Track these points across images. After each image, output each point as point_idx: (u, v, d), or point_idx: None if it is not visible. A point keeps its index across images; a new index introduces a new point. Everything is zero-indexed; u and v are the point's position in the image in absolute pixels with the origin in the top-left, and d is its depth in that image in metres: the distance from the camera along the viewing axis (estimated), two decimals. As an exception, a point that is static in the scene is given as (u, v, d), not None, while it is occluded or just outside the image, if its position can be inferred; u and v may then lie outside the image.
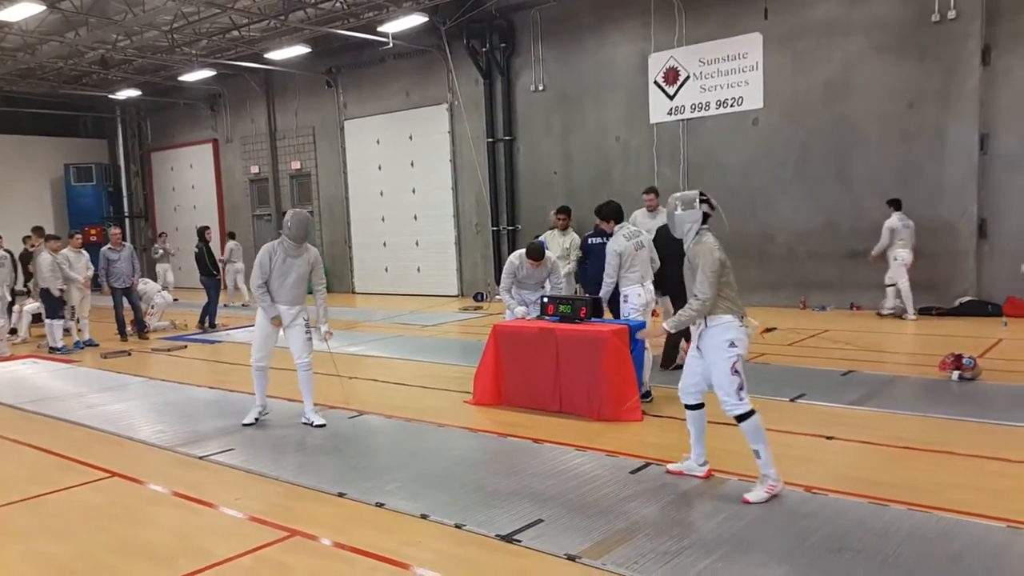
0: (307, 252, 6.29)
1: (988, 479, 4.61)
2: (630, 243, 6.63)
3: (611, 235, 6.78)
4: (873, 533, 3.85)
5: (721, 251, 4.42)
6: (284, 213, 6.97)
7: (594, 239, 7.64)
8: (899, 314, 10.86)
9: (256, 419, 6.46)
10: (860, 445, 5.36)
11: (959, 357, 7.08)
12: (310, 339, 6.37)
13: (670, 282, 7.42)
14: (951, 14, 10.80)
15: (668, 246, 6.36)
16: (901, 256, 10.75)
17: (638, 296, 6.62)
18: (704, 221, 4.51)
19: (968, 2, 10.70)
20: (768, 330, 9.35)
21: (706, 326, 4.42)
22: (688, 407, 4.66)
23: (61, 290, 10.89)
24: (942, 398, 6.43)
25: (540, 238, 8.97)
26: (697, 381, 4.56)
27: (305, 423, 6.34)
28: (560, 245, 8.97)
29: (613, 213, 6.83)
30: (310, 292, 6.43)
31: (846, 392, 6.75)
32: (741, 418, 4.34)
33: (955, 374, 6.99)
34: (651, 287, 6.72)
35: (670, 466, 4.85)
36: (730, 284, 4.43)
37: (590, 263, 7.59)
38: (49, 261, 10.72)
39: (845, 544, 3.74)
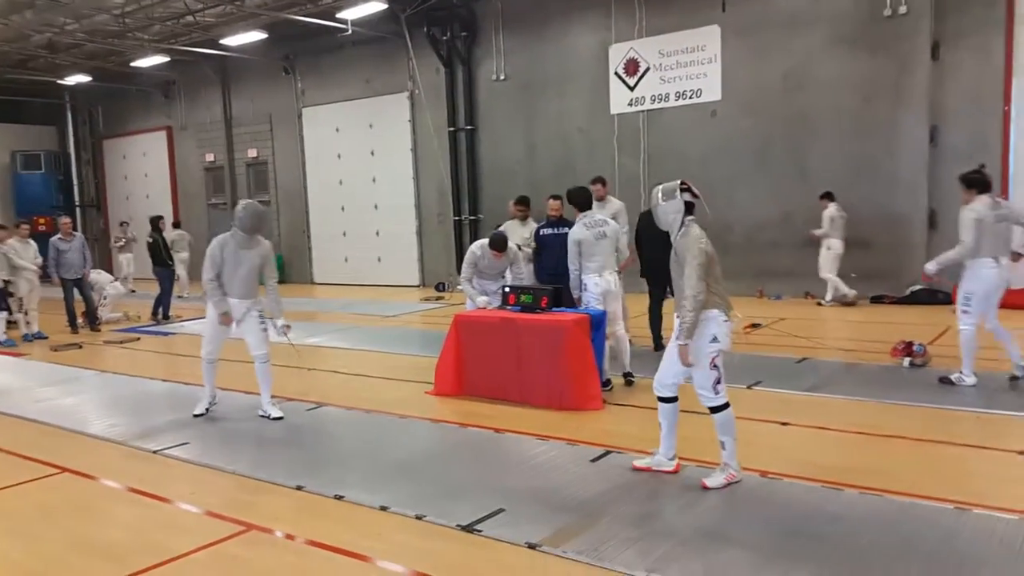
0: (260, 245, 6.17)
1: (936, 463, 4.75)
2: (590, 232, 6.62)
3: (570, 224, 6.77)
4: (828, 517, 3.94)
5: (708, 243, 4.32)
6: (236, 203, 6.78)
7: (547, 230, 7.38)
8: (852, 301, 11.13)
9: (207, 409, 6.37)
10: (815, 431, 5.48)
11: (910, 344, 7.28)
12: (266, 331, 6.26)
13: (649, 265, 7.87)
14: (902, 9, 11.04)
15: (648, 229, 6.82)
16: (835, 246, 11.09)
17: (596, 285, 6.62)
18: (689, 211, 4.38)
19: (919, -3, 10.97)
20: (752, 326, 9.22)
21: None
22: (662, 399, 4.55)
23: (7, 281, 10.54)
24: (894, 384, 6.59)
25: (500, 228, 8.90)
26: (675, 373, 4.46)
27: (262, 416, 6.24)
28: (520, 235, 8.94)
29: (582, 201, 6.83)
30: (262, 284, 6.31)
31: (801, 379, 6.89)
32: (715, 409, 4.36)
33: (906, 361, 7.17)
34: (610, 277, 6.69)
35: (636, 462, 4.72)
36: (716, 277, 4.33)
37: (545, 255, 7.34)
38: (-7, 252, 10.37)
39: (801, 527, 3.82)
